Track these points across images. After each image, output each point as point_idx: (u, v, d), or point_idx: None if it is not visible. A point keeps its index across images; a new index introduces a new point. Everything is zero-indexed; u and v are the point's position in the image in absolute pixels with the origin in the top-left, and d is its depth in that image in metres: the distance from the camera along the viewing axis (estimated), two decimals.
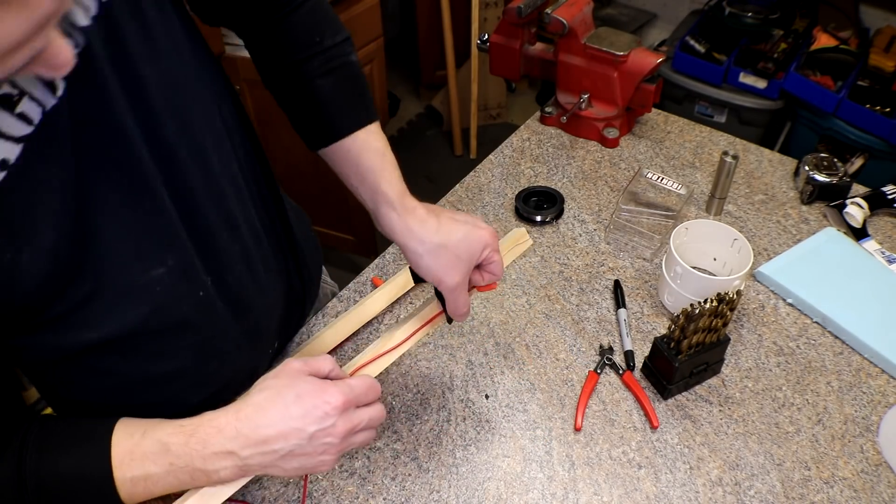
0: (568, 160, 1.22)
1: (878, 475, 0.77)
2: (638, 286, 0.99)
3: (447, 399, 0.85)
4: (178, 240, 0.61)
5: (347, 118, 0.70)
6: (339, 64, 0.70)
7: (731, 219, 1.09)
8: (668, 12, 2.86)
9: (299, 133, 0.74)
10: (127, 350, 0.64)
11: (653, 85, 1.19)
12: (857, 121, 2.10)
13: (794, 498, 0.75)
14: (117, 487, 0.57)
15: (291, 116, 0.73)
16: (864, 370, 0.88)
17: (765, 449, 0.80)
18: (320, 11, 0.70)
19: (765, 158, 1.21)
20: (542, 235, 1.08)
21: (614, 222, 1.06)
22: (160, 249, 0.60)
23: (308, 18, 0.69)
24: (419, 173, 2.79)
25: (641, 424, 0.82)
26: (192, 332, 0.67)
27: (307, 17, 0.69)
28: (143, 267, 0.59)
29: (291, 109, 0.73)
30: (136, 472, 0.58)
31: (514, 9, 1.17)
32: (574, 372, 0.88)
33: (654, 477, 0.77)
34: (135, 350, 0.64)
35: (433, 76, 3.10)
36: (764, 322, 0.94)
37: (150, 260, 0.59)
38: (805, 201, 1.11)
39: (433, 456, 0.80)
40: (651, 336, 0.92)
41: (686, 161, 1.21)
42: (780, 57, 2.22)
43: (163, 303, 0.62)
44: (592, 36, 1.20)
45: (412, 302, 0.98)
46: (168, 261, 0.61)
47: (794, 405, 0.84)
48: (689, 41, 2.35)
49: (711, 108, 2.38)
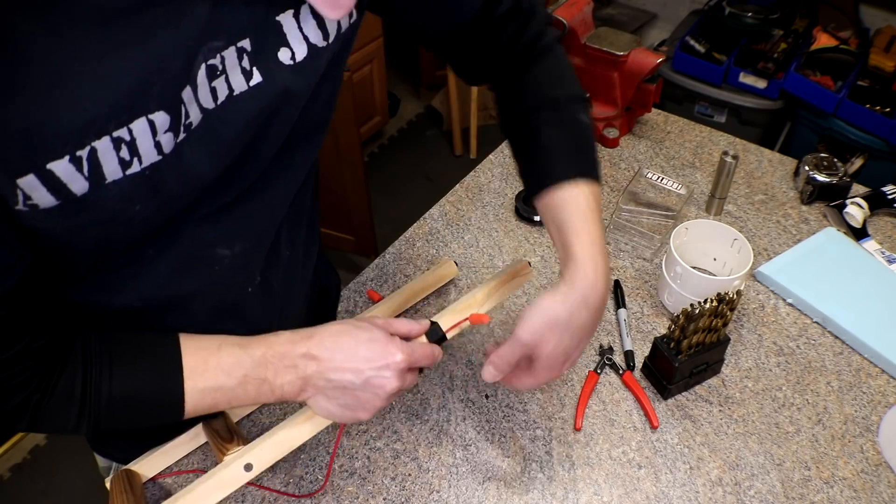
0: None
1: (878, 475, 0.77)
2: (638, 286, 0.99)
3: (447, 399, 0.85)
4: (249, 230, 0.64)
5: (566, 165, 0.68)
6: (569, 118, 0.70)
7: (731, 219, 1.09)
8: (668, 12, 2.86)
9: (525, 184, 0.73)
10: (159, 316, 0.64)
11: (653, 85, 1.19)
12: (857, 121, 2.10)
13: (794, 498, 0.75)
14: (185, 399, 0.59)
15: (520, 166, 0.74)
16: (864, 370, 0.88)
17: (765, 449, 0.80)
18: (559, 69, 0.73)
19: (765, 158, 1.21)
20: (542, 235, 1.08)
21: (614, 222, 1.06)
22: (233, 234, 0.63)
23: (547, 73, 0.72)
24: (419, 173, 2.79)
25: (641, 424, 0.82)
26: (232, 323, 0.68)
27: (546, 72, 0.72)
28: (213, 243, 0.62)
29: (520, 157, 0.74)
30: (207, 382, 0.60)
31: None
32: (574, 372, 0.88)
33: (654, 477, 0.77)
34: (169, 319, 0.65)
35: (433, 76, 3.10)
36: (764, 322, 0.94)
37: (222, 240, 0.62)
38: (805, 201, 1.11)
39: (433, 456, 0.80)
40: (651, 336, 0.92)
41: (686, 161, 1.21)
42: (780, 57, 2.22)
43: (214, 286, 0.65)
44: (592, 36, 1.20)
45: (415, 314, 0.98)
46: (236, 246, 0.64)
47: (794, 405, 0.84)
48: (689, 41, 2.35)
49: (711, 108, 2.38)
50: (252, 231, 0.65)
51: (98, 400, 0.57)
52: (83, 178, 0.45)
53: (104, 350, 0.58)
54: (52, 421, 0.57)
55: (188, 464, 0.79)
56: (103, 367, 0.57)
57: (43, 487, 1.83)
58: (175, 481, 0.78)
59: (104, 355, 0.57)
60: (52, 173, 0.44)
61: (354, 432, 0.82)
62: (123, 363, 0.58)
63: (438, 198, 1.16)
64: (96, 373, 0.56)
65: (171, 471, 0.79)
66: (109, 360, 0.57)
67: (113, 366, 0.57)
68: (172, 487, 0.77)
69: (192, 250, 0.60)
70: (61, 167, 0.44)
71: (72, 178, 0.45)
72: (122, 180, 0.47)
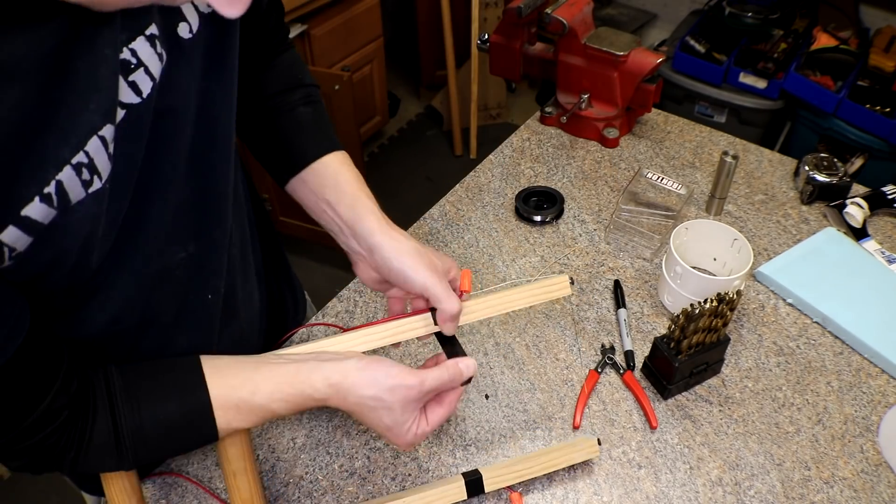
0: (568, 160, 1.22)
1: (878, 475, 0.77)
2: (638, 286, 0.99)
3: None
4: (205, 230, 0.65)
5: (326, 141, 0.76)
6: (316, 100, 0.78)
7: (731, 219, 1.09)
8: (668, 12, 2.87)
9: (270, 166, 0.78)
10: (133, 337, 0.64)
11: (653, 85, 1.19)
12: (857, 121, 2.10)
13: (794, 498, 0.75)
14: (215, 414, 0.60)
15: (264, 150, 0.77)
16: (864, 370, 0.88)
17: (765, 449, 0.80)
18: (299, 60, 0.80)
19: (765, 158, 1.21)
20: (542, 235, 1.08)
21: (614, 222, 1.06)
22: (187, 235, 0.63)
23: (291, 61, 0.79)
24: (419, 173, 2.79)
25: (641, 424, 0.82)
26: (187, 330, 0.68)
27: (290, 61, 0.78)
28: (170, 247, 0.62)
29: (267, 142, 0.77)
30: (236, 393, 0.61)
31: (514, 9, 1.17)
32: (574, 372, 0.88)
33: (654, 477, 0.77)
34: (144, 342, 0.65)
35: (433, 76, 3.10)
36: (764, 322, 0.94)
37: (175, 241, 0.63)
38: (805, 201, 1.11)
39: (433, 456, 0.80)
40: (651, 336, 0.92)
41: (686, 161, 1.21)
42: (780, 57, 2.22)
43: (175, 285, 0.64)
44: (592, 36, 1.20)
45: None
46: (190, 247, 0.64)
47: (794, 405, 0.84)
48: (689, 41, 2.35)
49: (711, 108, 2.38)
50: (203, 227, 0.65)
51: (133, 439, 0.57)
52: (54, 210, 0.46)
53: (125, 385, 0.58)
54: (91, 469, 0.58)
55: (187, 462, 0.79)
56: (131, 403, 0.57)
57: (43, 487, 1.83)
58: (175, 481, 0.78)
59: (127, 390, 0.58)
60: (29, 218, 0.44)
61: (354, 432, 0.82)
62: (150, 394, 0.59)
63: (438, 198, 1.16)
64: (126, 411, 0.57)
65: (170, 470, 0.79)
66: (137, 395, 0.58)
67: (140, 399, 0.58)
68: (172, 487, 0.77)
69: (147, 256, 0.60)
70: (34, 209, 0.44)
71: (45, 214, 0.45)
72: (85, 199, 0.48)
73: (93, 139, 0.46)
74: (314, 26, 2.20)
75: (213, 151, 0.63)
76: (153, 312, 0.64)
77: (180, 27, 0.54)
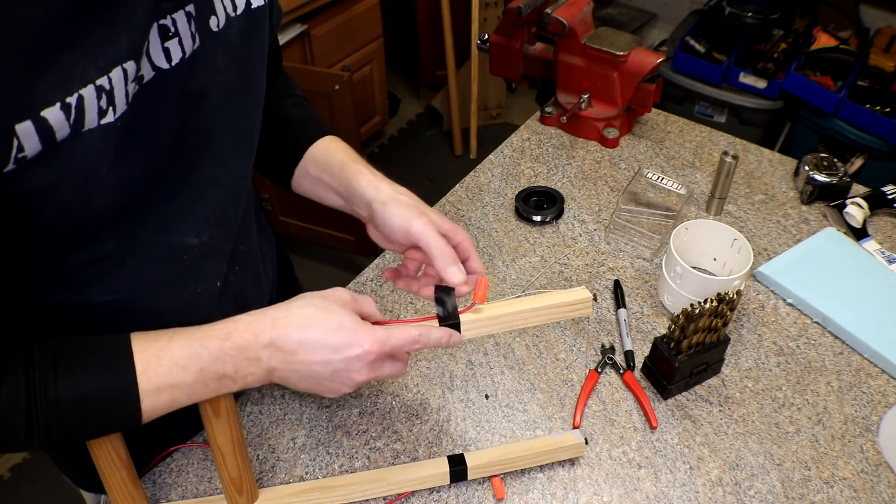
0: (568, 160, 1.22)
1: (878, 475, 0.77)
2: (638, 286, 0.99)
3: (447, 399, 0.85)
4: (220, 220, 0.67)
5: (316, 129, 0.81)
6: (305, 105, 0.86)
7: (731, 219, 1.09)
8: (668, 12, 2.87)
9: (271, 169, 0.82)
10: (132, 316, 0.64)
11: (653, 85, 1.19)
12: (857, 121, 2.10)
13: (794, 498, 0.75)
14: (140, 399, 0.56)
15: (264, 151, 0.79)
16: (864, 370, 0.88)
17: (765, 449, 0.80)
18: (290, 80, 0.88)
19: (765, 158, 1.21)
20: (542, 235, 1.08)
21: (614, 222, 1.06)
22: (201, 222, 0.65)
23: (283, 81, 0.87)
24: (419, 173, 2.79)
25: (641, 424, 0.82)
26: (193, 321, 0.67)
27: (282, 80, 0.87)
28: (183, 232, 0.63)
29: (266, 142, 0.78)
30: (162, 379, 0.56)
31: (514, 9, 1.17)
32: (574, 372, 0.88)
33: (654, 477, 0.77)
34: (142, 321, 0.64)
35: (433, 76, 3.10)
36: (764, 322, 0.94)
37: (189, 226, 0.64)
38: (805, 201, 1.11)
39: (433, 456, 0.80)
40: (651, 336, 0.92)
41: (686, 161, 1.21)
42: (780, 57, 2.23)
43: (184, 273, 0.65)
44: (592, 36, 1.20)
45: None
46: (204, 235, 0.65)
47: (794, 405, 0.84)
48: (689, 41, 2.35)
49: (711, 108, 2.38)
50: (217, 217, 0.66)
51: (45, 406, 0.53)
52: (68, 126, 0.47)
53: (48, 356, 0.54)
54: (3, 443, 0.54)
55: (188, 464, 0.79)
56: (47, 372, 0.53)
57: (43, 487, 1.83)
58: (176, 481, 0.78)
59: (48, 361, 0.54)
60: (46, 121, 0.46)
61: (354, 432, 0.82)
62: (68, 365, 0.55)
63: (438, 198, 1.16)
64: (39, 378, 0.53)
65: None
66: (54, 364, 0.54)
67: (57, 368, 0.54)
68: (172, 489, 0.77)
69: (160, 239, 0.61)
70: (53, 114, 0.46)
71: (60, 124, 0.47)
72: (95, 129, 0.49)
73: (117, 69, 0.49)
74: (314, 26, 2.20)
75: (233, 141, 0.66)
76: (155, 295, 0.64)
77: (211, 20, 0.59)
